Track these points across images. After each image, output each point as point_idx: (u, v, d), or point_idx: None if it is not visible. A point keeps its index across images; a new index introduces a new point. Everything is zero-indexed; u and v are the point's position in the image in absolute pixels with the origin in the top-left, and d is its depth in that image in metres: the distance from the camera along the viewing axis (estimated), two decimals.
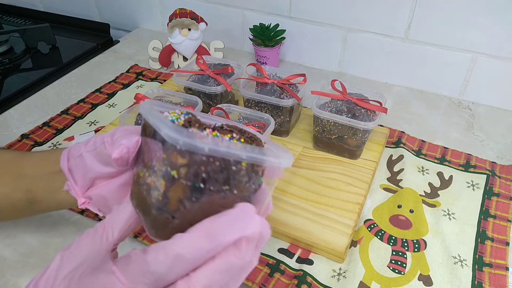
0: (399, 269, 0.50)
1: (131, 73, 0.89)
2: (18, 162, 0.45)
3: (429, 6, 0.74)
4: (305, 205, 0.56)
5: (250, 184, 0.28)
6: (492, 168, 0.64)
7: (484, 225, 0.55)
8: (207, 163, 0.26)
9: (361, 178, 0.60)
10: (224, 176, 0.27)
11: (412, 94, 0.83)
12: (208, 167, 0.26)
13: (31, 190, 0.43)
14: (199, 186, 0.26)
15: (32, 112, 0.78)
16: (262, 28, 0.84)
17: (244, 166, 0.27)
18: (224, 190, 0.27)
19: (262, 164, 0.28)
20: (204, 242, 0.25)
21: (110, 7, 1.08)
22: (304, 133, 0.69)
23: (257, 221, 0.26)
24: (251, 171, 0.28)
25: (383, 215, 0.56)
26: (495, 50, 0.74)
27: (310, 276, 0.49)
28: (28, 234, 0.54)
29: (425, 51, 0.79)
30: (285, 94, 0.65)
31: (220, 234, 0.25)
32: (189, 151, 0.26)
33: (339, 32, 0.85)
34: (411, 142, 0.69)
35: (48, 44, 0.96)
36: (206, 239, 0.25)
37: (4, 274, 0.50)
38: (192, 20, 0.83)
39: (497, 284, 0.48)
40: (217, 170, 0.26)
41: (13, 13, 1.13)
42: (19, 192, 0.44)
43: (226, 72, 0.70)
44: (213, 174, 0.26)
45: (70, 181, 0.40)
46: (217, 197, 0.27)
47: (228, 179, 0.27)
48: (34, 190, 0.43)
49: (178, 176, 0.26)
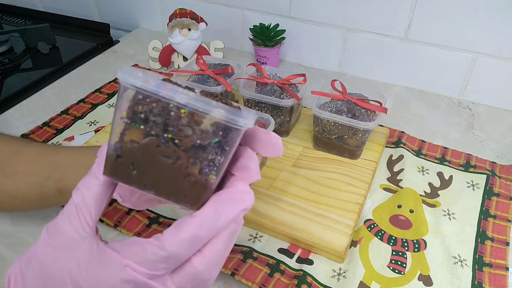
0: (399, 269, 0.50)
1: None
2: (53, 153, 0.46)
3: (429, 6, 0.74)
4: (305, 205, 0.56)
5: (193, 137, 0.27)
6: (492, 168, 0.64)
7: (484, 225, 0.55)
8: (144, 102, 0.27)
9: (361, 178, 0.60)
10: (164, 120, 0.27)
11: (412, 94, 0.83)
12: (146, 107, 0.27)
13: (64, 179, 0.44)
14: (139, 127, 0.27)
15: (32, 112, 0.78)
16: (262, 28, 0.84)
17: (183, 113, 0.26)
18: (165, 137, 0.27)
19: (204, 115, 0.26)
20: (215, 220, 0.27)
21: (110, 7, 1.08)
22: (304, 133, 0.69)
23: (252, 195, 0.29)
24: (193, 122, 0.27)
25: (383, 215, 0.56)
26: (495, 50, 0.74)
27: (310, 276, 0.49)
28: (28, 234, 0.54)
29: (425, 51, 0.79)
30: (285, 94, 0.65)
31: (227, 211, 0.28)
32: (136, 93, 0.27)
33: (339, 32, 0.85)
34: (411, 142, 0.69)
35: (48, 44, 0.96)
36: (216, 217, 0.27)
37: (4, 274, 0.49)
38: (192, 20, 0.83)
39: (497, 284, 0.48)
40: (155, 112, 0.27)
41: (13, 13, 1.13)
42: (51, 180, 0.45)
43: (226, 72, 0.70)
44: (150, 116, 0.27)
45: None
46: (157, 142, 0.27)
47: (167, 125, 0.27)
48: (67, 179, 0.44)
49: (126, 116, 0.27)
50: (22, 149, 0.47)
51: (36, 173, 0.45)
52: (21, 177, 0.45)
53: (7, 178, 0.46)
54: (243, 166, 0.30)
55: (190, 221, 0.27)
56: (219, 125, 0.27)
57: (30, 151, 0.47)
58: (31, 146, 0.48)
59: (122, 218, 0.56)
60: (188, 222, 0.27)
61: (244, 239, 0.54)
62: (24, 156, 0.47)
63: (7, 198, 0.47)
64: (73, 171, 0.44)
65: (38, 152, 0.47)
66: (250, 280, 0.48)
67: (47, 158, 0.46)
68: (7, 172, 0.46)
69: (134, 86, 0.26)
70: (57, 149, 0.47)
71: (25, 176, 0.45)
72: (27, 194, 0.46)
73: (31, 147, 0.48)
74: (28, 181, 0.45)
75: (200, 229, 0.27)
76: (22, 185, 0.45)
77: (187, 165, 0.27)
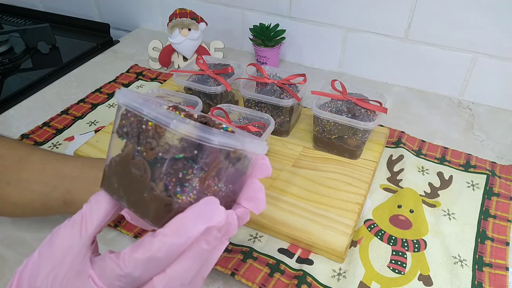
0: (399, 269, 0.50)
1: (131, 73, 0.89)
2: (62, 163, 0.45)
3: (429, 6, 0.74)
4: (305, 205, 0.56)
5: (157, 149, 0.27)
6: (492, 168, 0.64)
7: (484, 225, 0.55)
8: (125, 117, 0.28)
9: (361, 178, 0.60)
10: (135, 132, 0.28)
11: (412, 94, 0.83)
12: (127, 121, 0.28)
13: (71, 191, 0.44)
14: (122, 140, 0.29)
15: (32, 112, 0.78)
16: (262, 28, 0.84)
17: (151, 126, 0.27)
18: (138, 150, 0.28)
19: (165, 127, 0.26)
20: (175, 239, 0.26)
21: (110, 7, 1.08)
22: (304, 133, 0.69)
23: (221, 212, 0.27)
24: (155, 134, 0.27)
25: (383, 215, 0.56)
26: (495, 50, 0.74)
27: (310, 276, 0.49)
28: (28, 234, 0.54)
29: (425, 51, 0.79)
30: (285, 94, 0.65)
31: (188, 229, 0.26)
32: (124, 110, 0.29)
33: (339, 32, 0.85)
34: (411, 142, 0.69)
35: (48, 44, 0.96)
36: (176, 236, 0.26)
37: (4, 274, 0.49)
38: (192, 20, 0.83)
39: (497, 284, 0.48)
40: (133, 126, 0.28)
41: (13, 13, 1.13)
42: (58, 191, 0.44)
43: (226, 72, 0.70)
44: (129, 129, 0.28)
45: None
46: (131, 153, 0.28)
47: (139, 138, 0.28)
48: (74, 191, 0.44)
49: (114, 131, 0.30)
50: (27, 156, 0.46)
51: (41, 182, 0.44)
52: (25, 185, 0.45)
53: (10, 185, 0.45)
54: (251, 197, 0.30)
55: (148, 241, 0.26)
56: (189, 141, 0.27)
57: (35, 158, 0.46)
58: (36, 153, 0.47)
59: (122, 218, 0.56)
60: (147, 241, 0.26)
61: (244, 239, 0.54)
62: (29, 163, 0.45)
63: (9, 205, 0.46)
64: (82, 184, 0.44)
65: (44, 160, 0.46)
66: (250, 280, 0.48)
67: (53, 167, 0.45)
68: (10, 179, 0.45)
69: (122, 103, 0.28)
70: (65, 159, 0.46)
71: (29, 185, 0.44)
72: (31, 202, 0.45)
73: (37, 154, 0.47)
74: (33, 189, 0.44)
75: (158, 249, 0.26)
76: (26, 193, 0.45)
77: (152, 179, 0.27)
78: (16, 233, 0.54)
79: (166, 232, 0.26)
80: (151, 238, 0.26)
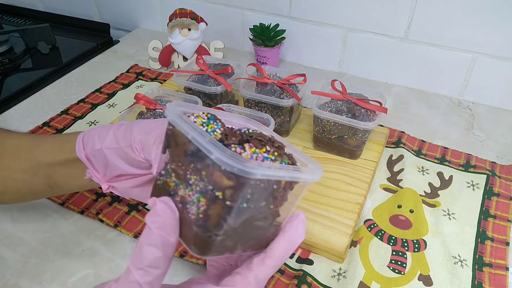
0: (399, 269, 0.50)
1: (131, 73, 0.89)
2: (34, 148, 0.45)
3: (429, 6, 0.74)
4: (305, 205, 0.56)
5: (284, 198, 0.31)
6: (492, 168, 0.64)
7: (484, 225, 0.55)
8: (254, 186, 0.27)
9: (361, 178, 0.60)
10: (265, 195, 0.29)
11: (412, 94, 0.83)
12: (254, 189, 0.28)
13: (51, 176, 0.44)
14: (243, 206, 0.28)
15: (32, 112, 0.78)
16: (262, 28, 0.84)
17: (283, 184, 0.30)
18: (262, 206, 0.29)
19: (298, 181, 0.31)
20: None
21: (110, 7, 1.08)
22: (304, 133, 0.69)
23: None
24: (288, 187, 0.31)
25: (383, 215, 0.56)
26: (495, 50, 0.74)
27: (310, 276, 0.49)
28: (28, 234, 0.54)
29: (425, 51, 0.79)
30: (285, 94, 0.65)
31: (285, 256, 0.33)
32: (235, 173, 0.26)
33: (339, 32, 0.85)
34: (411, 142, 0.69)
35: (48, 44, 0.96)
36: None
37: (4, 274, 0.50)
38: (192, 20, 0.83)
39: (497, 284, 0.48)
40: (261, 190, 0.28)
41: (13, 13, 1.13)
42: (39, 177, 0.44)
43: (226, 72, 0.70)
44: (257, 195, 0.28)
45: (90, 169, 0.41)
46: (255, 213, 0.29)
47: (267, 197, 0.29)
48: (54, 176, 0.44)
49: (223, 197, 0.27)
50: (2, 142, 0.46)
51: (21, 170, 0.44)
52: (6, 173, 0.44)
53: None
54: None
55: (262, 262, 0.32)
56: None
57: (10, 144, 0.46)
58: (10, 138, 0.47)
59: (122, 218, 0.56)
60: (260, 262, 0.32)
61: None
62: (5, 150, 0.45)
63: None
64: (58, 168, 0.44)
65: (18, 146, 0.45)
66: None
67: (28, 154, 0.45)
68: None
69: (247, 173, 0.26)
70: (35, 143, 0.46)
71: (10, 172, 0.44)
72: (17, 189, 0.45)
73: (11, 140, 0.46)
74: (15, 177, 0.44)
75: (276, 266, 0.32)
76: (10, 181, 0.45)
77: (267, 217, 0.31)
78: (16, 233, 0.54)
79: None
80: (266, 260, 0.31)
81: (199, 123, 0.30)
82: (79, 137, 0.41)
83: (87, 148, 0.41)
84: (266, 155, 0.30)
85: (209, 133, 0.30)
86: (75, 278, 0.49)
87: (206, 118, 0.31)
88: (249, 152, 0.29)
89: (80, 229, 0.55)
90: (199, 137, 0.27)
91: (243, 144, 0.30)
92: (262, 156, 0.29)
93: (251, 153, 0.29)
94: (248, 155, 0.29)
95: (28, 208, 0.58)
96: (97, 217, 0.56)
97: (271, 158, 0.30)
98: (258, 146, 0.30)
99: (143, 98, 0.62)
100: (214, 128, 0.30)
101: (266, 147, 0.31)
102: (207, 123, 0.31)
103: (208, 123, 0.31)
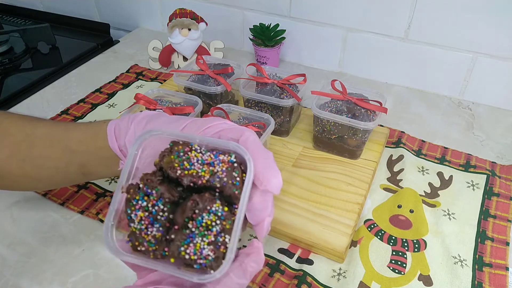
0: (399, 269, 0.50)
1: (131, 73, 0.89)
2: (67, 137, 0.45)
3: (429, 6, 0.74)
4: (305, 205, 0.56)
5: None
6: (492, 168, 0.64)
7: (484, 225, 0.55)
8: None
9: (361, 178, 0.60)
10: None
11: (412, 94, 0.83)
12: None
13: (85, 164, 0.44)
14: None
15: (32, 112, 0.78)
16: (262, 28, 0.84)
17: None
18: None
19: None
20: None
21: (110, 7, 1.08)
22: (304, 133, 0.69)
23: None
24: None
25: (383, 215, 0.56)
26: (495, 50, 0.74)
27: (310, 276, 0.49)
28: (28, 234, 0.54)
29: (425, 51, 0.79)
30: (285, 94, 0.65)
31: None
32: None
33: (339, 32, 0.85)
34: (411, 142, 0.69)
35: (48, 44, 0.96)
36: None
37: (4, 274, 0.50)
38: (192, 20, 0.83)
39: (497, 284, 0.48)
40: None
41: (13, 13, 1.13)
42: (73, 166, 0.44)
43: (226, 72, 0.70)
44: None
45: (124, 160, 0.41)
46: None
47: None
48: (88, 165, 0.44)
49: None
50: (33, 131, 0.46)
51: (54, 159, 0.44)
52: (40, 162, 0.45)
53: (25, 162, 0.45)
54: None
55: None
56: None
57: (41, 133, 0.46)
58: (41, 126, 0.47)
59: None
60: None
61: (243, 239, 0.54)
62: (36, 139, 0.45)
63: (31, 181, 0.46)
64: (91, 156, 0.44)
65: (50, 134, 0.45)
66: None
67: (60, 143, 0.45)
68: (24, 157, 0.45)
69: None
70: (67, 132, 0.46)
71: (44, 161, 0.45)
72: (51, 177, 0.46)
73: (42, 127, 0.46)
74: (48, 166, 0.45)
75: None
76: (43, 169, 0.45)
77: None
78: (16, 233, 0.54)
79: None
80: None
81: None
82: (111, 127, 0.41)
83: (120, 140, 0.41)
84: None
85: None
86: (75, 278, 0.49)
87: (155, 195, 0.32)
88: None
89: (80, 229, 0.55)
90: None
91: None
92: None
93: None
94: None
95: (28, 208, 0.58)
96: (97, 217, 0.56)
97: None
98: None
99: (143, 98, 0.62)
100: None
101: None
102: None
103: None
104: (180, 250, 0.31)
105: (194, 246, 0.30)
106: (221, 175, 0.32)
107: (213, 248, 0.30)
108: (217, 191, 0.32)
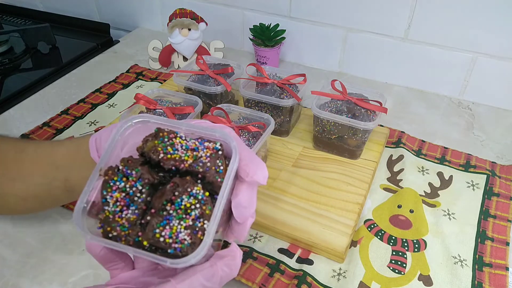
0: (399, 269, 0.50)
1: (131, 73, 0.89)
2: (52, 152, 0.46)
3: (429, 6, 0.74)
4: (305, 205, 0.56)
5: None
6: (492, 168, 0.64)
7: (484, 225, 0.55)
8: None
9: (361, 178, 0.60)
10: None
11: (412, 94, 0.83)
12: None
13: (69, 179, 0.45)
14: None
15: (32, 112, 0.78)
16: (262, 28, 0.84)
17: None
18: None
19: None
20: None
21: (110, 7, 1.08)
22: (304, 133, 0.69)
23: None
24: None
25: (383, 215, 0.56)
26: (495, 50, 0.74)
27: (310, 276, 0.49)
28: (28, 234, 0.54)
29: (425, 51, 0.79)
30: (285, 94, 0.65)
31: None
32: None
33: (339, 32, 0.85)
34: (411, 142, 0.69)
35: (48, 44, 0.96)
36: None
37: (4, 274, 0.50)
38: (192, 20, 0.83)
39: (497, 284, 0.48)
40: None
41: (13, 13, 1.13)
42: (57, 181, 0.45)
43: (226, 72, 0.70)
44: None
45: None
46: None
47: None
48: (72, 179, 0.45)
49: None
50: (22, 149, 0.47)
51: (41, 175, 0.46)
52: (28, 179, 0.46)
53: (15, 181, 0.46)
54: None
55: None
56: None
57: (30, 150, 0.47)
58: (29, 145, 0.48)
59: None
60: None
61: None
62: (26, 156, 0.47)
63: (19, 201, 0.47)
64: (75, 171, 0.44)
65: (37, 151, 0.47)
66: (250, 280, 0.48)
67: (47, 158, 0.46)
68: (14, 175, 0.46)
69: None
70: (52, 148, 0.47)
71: (32, 178, 0.46)
72: (37, 194, 0.46)
73: (30, 147, 0.48)
74: (36, 182, 0.46)
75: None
76: (31, 187, 0.46)
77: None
78: (16, 233, 0.54)
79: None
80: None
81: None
82: (92, 140, 0.42)
83: (101, 150, 0.41)
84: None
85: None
86: (75, 278, 0.49)
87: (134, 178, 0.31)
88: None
89: None
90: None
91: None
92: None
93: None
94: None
95: None
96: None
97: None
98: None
99: (143, 98, 0.62)
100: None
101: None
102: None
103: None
104: (155, 232, 0.29)
105: (170, 229, 0.28)
106: (205, 160, 0.30)
107: (190, 232, 0.28)
108: (199, 177, 0.31)
